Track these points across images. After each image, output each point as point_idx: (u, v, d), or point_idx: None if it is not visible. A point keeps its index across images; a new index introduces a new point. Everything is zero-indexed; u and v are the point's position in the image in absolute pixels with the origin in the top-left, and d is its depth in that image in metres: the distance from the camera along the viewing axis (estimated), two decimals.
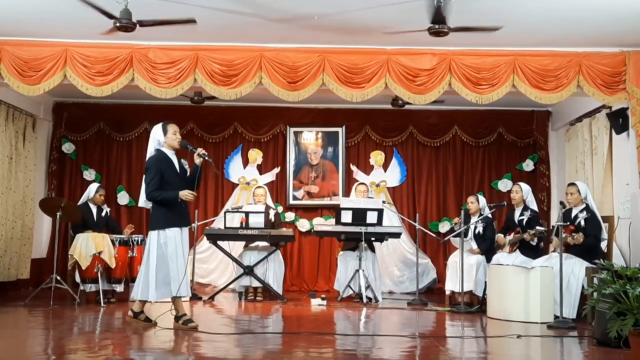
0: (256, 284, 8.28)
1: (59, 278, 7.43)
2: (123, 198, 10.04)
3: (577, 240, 6.62)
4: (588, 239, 6.68)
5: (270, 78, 7.31)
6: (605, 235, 7.02)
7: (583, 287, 6.58)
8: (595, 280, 5.38)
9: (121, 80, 7.25)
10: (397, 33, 6.90)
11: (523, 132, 10.22)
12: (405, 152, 10.34)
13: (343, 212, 8.20)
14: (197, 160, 5.92)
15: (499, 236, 7.83)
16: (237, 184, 10.21)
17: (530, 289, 6.54)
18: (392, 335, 5.75)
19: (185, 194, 5.80)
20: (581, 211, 6.96)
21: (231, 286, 8.63)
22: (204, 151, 5.93)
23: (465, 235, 7.83)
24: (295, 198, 10.20)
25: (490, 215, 8.08)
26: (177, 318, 5.86)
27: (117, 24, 6.14)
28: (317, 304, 7.80)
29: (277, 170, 10.27)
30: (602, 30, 6.82)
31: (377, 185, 10.16)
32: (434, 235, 9.66)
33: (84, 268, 7.48)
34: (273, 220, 8.70)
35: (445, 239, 8.58)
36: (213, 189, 10.27)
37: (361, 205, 8.26)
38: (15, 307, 7.27)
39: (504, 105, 9.38)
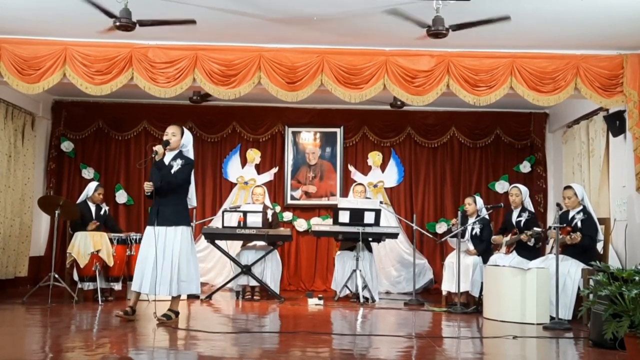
0: (253, 283, 8.30)
1: (57, 276, 7.44)
2: (121, 197, 10.04)
3: (574, 240, 6.65)
4: (584, 239, 6.70)
5: (269, 78, 7.33)
6: (601, 236, 7.05)
7: (579, 288, 6.61)
8: (591, 282, 5.41)
9: (120, 79, 7.27)
10: (396, 34, 6.93)
11: (520, 134, 10.25)
12: (402, 152, 10.36)
13: (341, 212, 8.22)
14: None
15: (495, 237, 7.86)
16: (236, 184, 10.23)
17: (527, 290, 6.56)
18: (389, 335, 5.77)
19: None
20: (578, 212, 6.99)
21: (229, 285, 8.66)
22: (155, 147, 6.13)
23: (462, 236, 7.86)
24: (293, 198, 10.22)
25: (487, 217, 8.10)
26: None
27: (117, 23, 6.16)
28: (314, 303, 7.83)
29: (275, 170, 10.28)
30: (599, 33, 6.85)
31: (375, 186, 10.18)
32: (431, 236, 9.70)
33: (82, 266, 7.50)
34: (270, 219, 8.72)
35: (442, 239, 8.61)
36: (211, 188, 10.28)
37: (359, 205, 8.29)
38: (13, 304, 7.27)
39: (502, 107, 9.42)
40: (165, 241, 5.98)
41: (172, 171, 6.07)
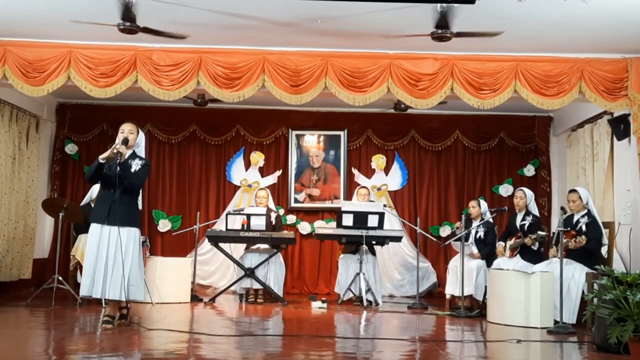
0: (257, 286, 8.29)
1: (60, 278, 7.45)
2: None
3: (579, 243, 6.64)
4: (589, 243, 6.70)
5: (273, 81, 7.33)
6: (606, 240, 7.04)
7: (583, 292, 6.59)
8: (596, 286, 5.39)
9: (125, 82, 7.28)
10: (400, 37, 6.93)
11: (524, 138, 10.24)
12: (406, 156, 10.36)
13: (344, 216, 8.22)
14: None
15: (499, 245, 7.84)
16: (239, 186, 10.24)
17: (531, 293, 6.55)
18: (392, 339, 5.77)
19: None
20: (583, 216, 6.99)
21: (232, 288, 8.65)
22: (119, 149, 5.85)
23: (466, 239, 7.84)
24: (296, 201, 10.22)
25: (491, 220, 8.10)
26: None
27: (121, 27, 6.17)
28: (317, 306, 7.82)
29: (279, 173, 10.29)
30: (604, 36, 6.83)
31: (379, 189, 10.18)
32: (435, 240, 9.69)
33: None
34: (274, 222, 8.72)
35: (446, 243, 8.60)
36: (215, 191, 10.29)
37: (362, 208, 8.28)
38: (17, 307, 7.28)
39: (506, 110, 9.42)
40: (116, 242, 5.68)
41: (133, 171, 5.87)
